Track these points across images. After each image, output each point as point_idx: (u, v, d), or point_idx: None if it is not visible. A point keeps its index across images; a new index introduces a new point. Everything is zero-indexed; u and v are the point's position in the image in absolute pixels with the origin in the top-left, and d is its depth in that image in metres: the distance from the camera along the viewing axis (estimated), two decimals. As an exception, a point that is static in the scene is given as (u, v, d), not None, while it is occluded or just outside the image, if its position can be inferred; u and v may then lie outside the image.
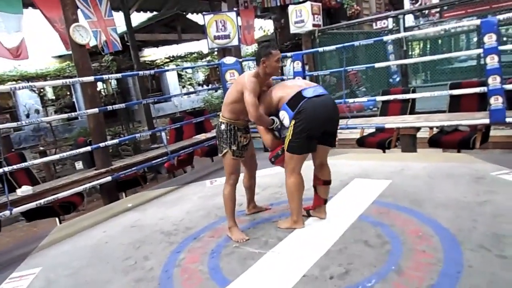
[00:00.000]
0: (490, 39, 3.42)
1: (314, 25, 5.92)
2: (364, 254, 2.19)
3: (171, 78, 14.98)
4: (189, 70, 15.53)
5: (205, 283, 2.15)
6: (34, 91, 10.94)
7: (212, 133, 5.44)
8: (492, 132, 4.24)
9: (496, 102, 3.49)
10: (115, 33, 6.03)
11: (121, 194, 4.82)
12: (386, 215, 2.68)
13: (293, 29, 6.10)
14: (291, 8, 6.00)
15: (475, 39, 11.00)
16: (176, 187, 4.16)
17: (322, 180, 2.72)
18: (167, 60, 12.81)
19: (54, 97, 12.31)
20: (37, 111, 11.42)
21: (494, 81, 3.46)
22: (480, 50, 3.64)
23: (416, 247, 2.18)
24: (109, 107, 4.15)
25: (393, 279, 1.92)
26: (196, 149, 5.07)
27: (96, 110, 3.92)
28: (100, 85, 12.55)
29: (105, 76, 4.93)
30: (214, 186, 4.01)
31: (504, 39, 8.36)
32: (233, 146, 2.66)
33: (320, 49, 4.88)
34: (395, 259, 2.10)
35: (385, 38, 4.67)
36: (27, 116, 11.12)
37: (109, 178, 3.84)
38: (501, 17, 3.56)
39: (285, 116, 2.51)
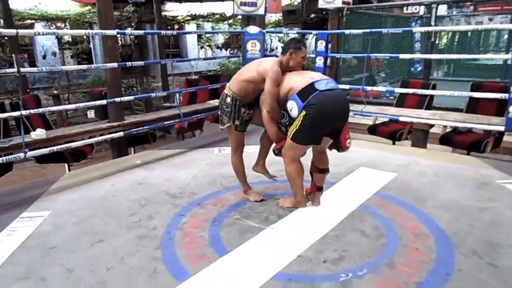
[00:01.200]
0: (521, 45, 3.33)
1: (343, 2, 5.76)
2: (360, 243, 2.27)
3: (190, 37, 14.78)
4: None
5: (205, 249, 2.25)
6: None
7: (226, 101, 5.45)
8: (505, 138, 4.22)
9: (515, 110, 3.45)
10: None
11: (130, 149, 4.91)
12: (386, 208, 2.73)
13: (321, 3, 5.95)
14: (322, -18, 5.82)
15: (505, 36, 10.64)
16: (184, 150, 4.23)
17: (319, 168, 2.71)
18: (189, 17, 12.59)
19: (71, 41, 12.26)
20: (54, 54, 11.42)
21: (517, 89, 3.40)
22: (509, 56, 3.55)
23: (410, 244, 2.25)
24: (128, 63, 4.16)
25: (384, 272, 2.00)
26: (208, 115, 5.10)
27: (115, 64, 3.93)
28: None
29: (127, 32, 4.90)
30: (222, 154, 4.07)
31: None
32: (236, 121, 2.73)
33: (347, 31, 4.77)
34: (389, 253, 2.17)
35: (414, 29, 4.56)
36: (44, 57, 11.14)
37: (121, 134, 3.91)
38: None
39: (293, 106, 2.45)
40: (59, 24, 10.99)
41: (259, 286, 1.89)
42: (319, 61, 4.86)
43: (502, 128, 3.63)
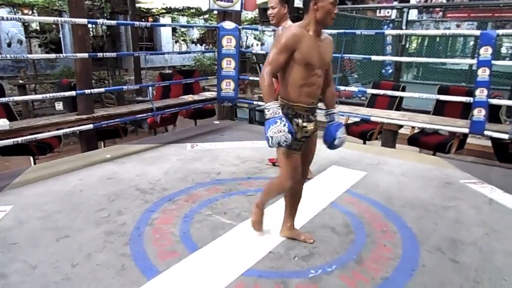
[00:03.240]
0: (485, 52, 3.49)
1: (318, 3, 5.81)
2: (329, 240, 2.31)
3: (164, 30, 14.53)
4: (184, 25, 15.09)
5: (175, 245, 2.22)
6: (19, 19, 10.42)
7: (200, 96, 5.40)
8: (469, 140, 4.41)
9: (479, 114, 3.61)
10: None
11: (100, 143, 4.78)
12: (356, 205, 2.80)
13: (297, 3, 5.99)
14: (298, -19, 5.86)
15: (471, 43, 11.13)
16: (156, 145, 4.16)
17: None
18: (164, 10, 12.36)
19: (39, 29, 11.76)
20: (19, 42, 10.92)
21: (481, 94, 3.56)
22: (474, 61, 3.71)
23: (378, 241, 2.31)
24: (100, 54, 4.04)
25: (352, 267, 2.05)
26: (181, 110, 5.04)
27: (85, 55, 3.81)
28: (89, 24, 12.06)
29: (99, 21, 4.74)
30: (194, 150, 4.03)
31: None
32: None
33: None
34: (357, 249, 2.23)
35: (386, 32, 4.68)
36: (9, 45, 10.62)
37: (90, 126, 3.80)
38: (500, 32, 3.62)
39: None
40: (26, 11, 10.51)
41: (229, 283, 1.89)
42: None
43: (466, 130, 3.79)
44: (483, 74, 3.53)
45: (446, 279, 1.97)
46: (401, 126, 4.46)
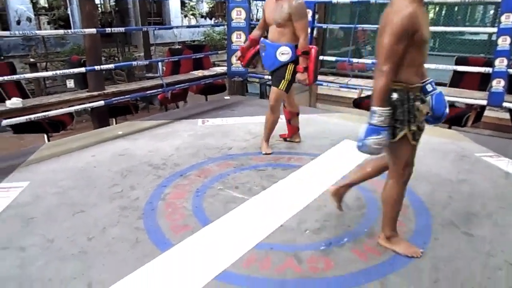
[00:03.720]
0: (507, 19, 3.33)
1: (331, -28, 5.60)
2: (341, 214, 2.30)
3: (173, 4, 14.29)
4: (193, -1, 14.82)
5: (188, 219, 2.25)
6: (27, -4, 10.37)
7: (210, 71, 5.34)
8: (486, 113, 4.28)
9: (498, 85, 3.48)
10: None
11: (111, 120, 4.81)
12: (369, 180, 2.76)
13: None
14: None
15: (491, 12, 10.65)
16: (167, 121, 4.17)
17: (297, 113, 3.45)
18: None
19: (47, 6, 11.69)
20: (29, 19, 10.88)
21: (500, 63, 3.43)
22: (494, 29, 3.55)
23: (390, 214, 2.29)
24: (108, 30, 4.00)
25: (363, 241, 2.05)
26: (192, 85, 5.01)
27: (93, 30, 3.77)
28: (97, 0, 11.93)
29: (106, -5, 4.64)
30: (205, 126, 4.03)
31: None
32: (412, 125, 1.73)
33: (334, 0, 4.68)
34: (369, 223, 2.22)
35: (401, -1, 4.44)
36: (18, 23, 10.60)
37: (101, 103, 3.80)
38: (524, -3, 3.43)
39: (288, 52, 2.98)
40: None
41: (241, 255, 1.91)
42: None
43: (484, 102, 3.68)
44: (504, 43, 3.39)
45: (459, 252, 1.95)
46: (415, 99, 4.35)
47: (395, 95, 1.70)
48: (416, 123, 1.73)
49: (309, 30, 2.89)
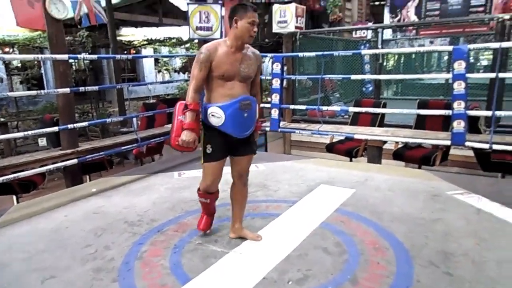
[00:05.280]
0: (459, 66, 3.61)
1: (296, 27, 5.98)
2: (323, 261, 2.29)
3: (147, 61, 14.67)
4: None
5: (166, 278, 2.17)
6: (-1, 57, 10.39)
7: (185, 124, 5.39)
8: (452, 151, 4.49)
9: (459, 126, 3.69)
10: (98, 5, 5.78)
11: (85, 177, 4.70)
12: (347, 223, 2.79)
13: (275, 28, 6.14)
14: (275, 7, 6.02)
15: (445, 58, 11.54)
16: (143, 176, 4.12)
17: None
18: (145, 42, 12.51)
19: (20, 66, 11.72)
20: (0, 80, 10.85)
21: (458, 106, 3.66)
22: (450, 75, 3.83)
23: (371, 259, 2.30)
24: (82, 88, 4.04)
25: (347, 288, 2.03)
26: (167, 138, 5.03)
27: (67, 90, 3.80)
28: (71, 59, 12.08)
29: (80, 56, 4.78)
30: (182, 178, 4.00)
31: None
32: None
33: (300, 54, 4.95)
34: (352, 269, 2.21)
35: (363, 52, 4.82)
36: (-11, 83, 10.56)
37: (75, 161, 3.75)
38: (471, 46, 3.77)
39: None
40: (6, 49, 10.49)
41: (223, 313, 1.84)
42: (276, 83, 4.97)
43: (448, 142, 3.86)
44: (459, 87, 3.64)
45: (441, 293, 1.96)
46: (385, 142, 4.53)
47: None
48: None
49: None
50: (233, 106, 2.29)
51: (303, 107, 5.60)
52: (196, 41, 6.35)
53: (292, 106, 5.52)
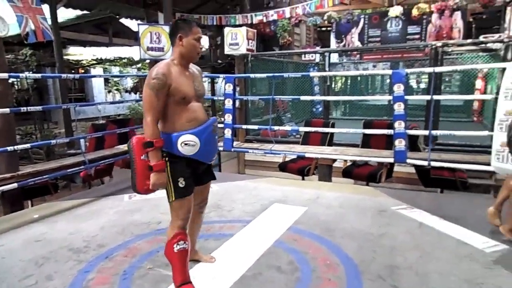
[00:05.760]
0: (398, 89, 3.88)
1: (248, 49, 6.13)
2: (276, 281, 2.30)
3: (96, 81, 14.21)
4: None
5: (114, 307, 2.07)
6: None
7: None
8: (396, 168, 4.75)
9: (400, 144, 3.94)
10: (45, 21, 5.53)
11: (26, 203, 4.40)
12: (299, 242, 2.84)
13: (227, 50, 6.25)
14: (227, 30, 6.15)
15: (387, 81, 12.37)
16: (91, 200, 3.94)
17: None
18: (94, 62, 12.15)
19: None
20: None
21: (399, 126, 3.91)
22: (390, 97, 4.10)
23: (323, 275, 2.35)
24: (23, 108, 3.83)
25: (300, 306, 2.05)
26: (117, 160, 4.87)
27: (7, 110, 3.58)
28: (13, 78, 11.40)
29: (22, 75, 4.53)
30: (132, 201, 3.88)
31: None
32: None
33: (252, 75, 5.08)
34: (304, 287, 2.24)
35: (311, 74, 5.02)
36: None
37: (14, 185, 3.51)
38: (408, 70, 4.09)
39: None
40: None
41: None
42: (228, 103, 5.03)
43: (391, 160, 4.10)
44: (399, 108, 3.91)
45: (388, 305, 2.04)
46: (334, 160, 4.71)
47: None
48: None
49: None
50: (207, 130, 2.12)
51: (255, 127, 5.69)
52: (147, 61, 6.28)
53: (245, 126, 5.59)
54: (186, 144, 2.03)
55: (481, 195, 4.36)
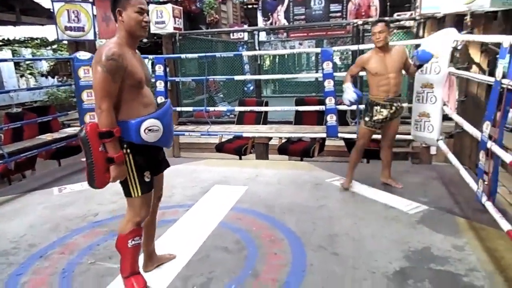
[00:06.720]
0: (327, 66, 4.06)
1: (175, 28, 5.90)
2: (224, 261, 2.34)
3: (4, 64, 12.68)
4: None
5: (57, 308, 1.96)
6: None
7: (61, 133, 4.88)
8: (327, 142, 5.01)
9: (331, 119, 4.16)
10: None
11: None
12: (243, 220, 2.90)
13: (153, 29, 5.96)
14: (151, 8, 5.84)
15: (313, 58, 12.86)
16: (13, 196, 3.60)
17: None
18: (1, 43, 10.82)
19: None
20: None
21: (330, 102, 4.11)
22: (320, 74, 4.27)
23: (269, 251, 2.45)
24: None
25: (250, 283, 2.12)
26: (41, 151, 4.47)
27: None
28: None
29: None
30: (63, 194, 3.63)
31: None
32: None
33: (183, 56, 4.93)
34: (252, 264, 2.31)
35: (243, 53, 5.01)
36: None
37: None
38: (335, 48, 4.28)
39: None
40: None
41: (128, 332, 1.75)
42: (160, 85, 4.86)
43: (324, 135, 4.31)
44: (329, 85, 4.10)
45: (331, 272, 2.20)
46: (270, 138, 4.83)
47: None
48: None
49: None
50: (168, 112, 1.98)
51: (190, 108, 5.58)
52: (66, 42, 5.76)
53: (179, 108, 5.46)
54: (150, 130, 1.85)
55: (401, 162, 4.79)
